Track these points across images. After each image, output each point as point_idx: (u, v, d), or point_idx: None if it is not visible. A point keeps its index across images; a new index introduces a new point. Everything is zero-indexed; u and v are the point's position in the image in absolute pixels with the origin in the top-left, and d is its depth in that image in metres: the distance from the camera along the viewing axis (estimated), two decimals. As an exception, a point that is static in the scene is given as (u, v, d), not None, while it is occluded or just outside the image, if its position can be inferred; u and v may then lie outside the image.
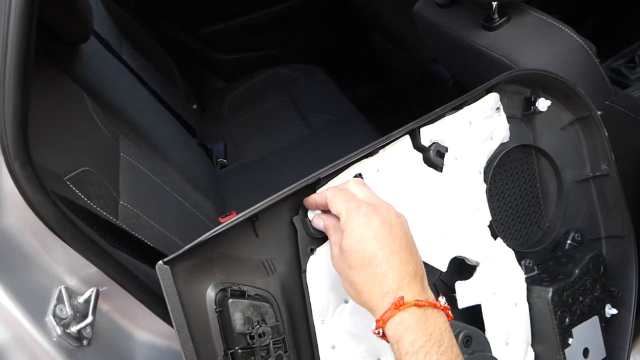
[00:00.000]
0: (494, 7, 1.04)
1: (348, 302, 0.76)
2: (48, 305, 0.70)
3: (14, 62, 0.61)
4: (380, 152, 0.80)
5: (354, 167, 0.78)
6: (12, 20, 0.61)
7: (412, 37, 1.65)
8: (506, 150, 0.93)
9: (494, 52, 1.04)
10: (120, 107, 1.37)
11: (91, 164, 1.01)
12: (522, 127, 0.96)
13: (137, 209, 1.09)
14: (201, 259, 0.68)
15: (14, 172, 0.65)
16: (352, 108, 1.97)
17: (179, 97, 2.06)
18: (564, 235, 1.00)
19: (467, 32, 1.11)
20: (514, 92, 0.94)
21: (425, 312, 0.61)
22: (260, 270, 0.73)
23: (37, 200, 0.66)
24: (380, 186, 0.80)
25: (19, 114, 0.63)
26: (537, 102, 0.93)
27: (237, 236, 0.71)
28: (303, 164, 1.73)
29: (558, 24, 1.03)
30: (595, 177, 1.00)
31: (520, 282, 0.91)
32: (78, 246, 0.72)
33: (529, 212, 0.98)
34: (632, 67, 1.65)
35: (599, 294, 0.96)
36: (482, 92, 0.88)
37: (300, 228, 0.74)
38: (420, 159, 0.84)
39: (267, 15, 2.29)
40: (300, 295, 0.74)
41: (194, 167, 1.62)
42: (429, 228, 0.83)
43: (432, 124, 0.84)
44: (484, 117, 0.89)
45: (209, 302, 0.68)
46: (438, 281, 0.87)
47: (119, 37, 1.79)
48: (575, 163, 1.00)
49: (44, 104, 1.01)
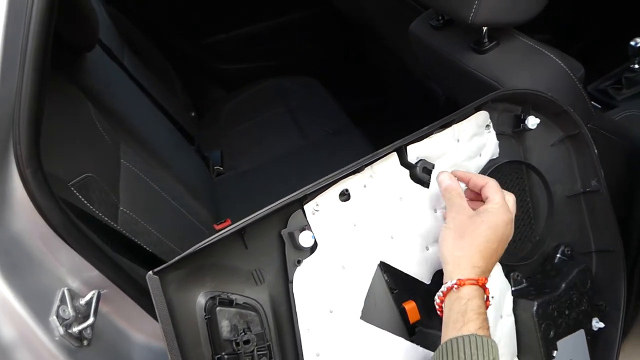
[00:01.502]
0: (484, 32, 1.08)
1: (333, 311, 0.80)
2: (52, 306, 0.73)
3: (32, 75, 0.65)
4: (367, 169, 0.84)
5: (341, 184, 0.81)
6: (31, 32, 0.65)
7: (407, 54, 1.70)
8: (496, 165, 0.95)
9: (483, 74, 1.09)
10: (121, 114, 1.41)
11: (93, 170, 1.05)
12: (513, 144, 0.99)
13: (136, 215, 1.13)
14: (193, 268, 0.72)
15: (26, 179, 0.68)
16: (348, 120, 2.00)
17: (178, 105, 2.09)
18: (554, 249, 1.02)
19: (458, 54, 1.15)
20: (505, 110, 0.97)
21: (484, 297, 0.78)
22: (249, 280, 0.76)
23: (46, 206, 0.70)
24: (367, 202, 0.83)
25: (33, 123, 0.67)
26: (526, 120, 0.96)
27: (227, 247, 0.75)
28: (298, 174, 1.76)
29: (544, 49, 1.08)
30: (585, 193, 1.03)
31: (507, 295, 0.93)
32: (82, 250, 0.75)
33: (519, 225, 1.00)
34: (619, 89, 1.69)
35: (586, 307, 0.98)
36: (471, 110, 0.91)
37: (287, 240, 0.78)
38: (407, 175, 0.87)
39: (268, 27, 2.34)
40: (287, 304, 0.78)
41: (191, 175, 1.65)
42: (414, 242, 0.87)
43: (419, 142, 0.87)
44: (472, 135, 0.92)
45: (199, 309, 0.72)
46: (424, 292, 0.89)
47: (120, 43, 1.83)
48: (565, 179, 1.03)
49: (50, 110, 1.04)
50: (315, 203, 0.80)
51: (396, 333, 0.85)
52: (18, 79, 0.66)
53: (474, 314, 0.74)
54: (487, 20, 1.03)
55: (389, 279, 0.86)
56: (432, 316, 0.87)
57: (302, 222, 0.79)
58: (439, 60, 1.25)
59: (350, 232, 0.83)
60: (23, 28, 0.65)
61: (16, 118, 0.66)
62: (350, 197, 0.82)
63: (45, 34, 0.66)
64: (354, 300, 0.82)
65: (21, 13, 0.66)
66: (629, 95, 1.67)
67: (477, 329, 0.73)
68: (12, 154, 0.68)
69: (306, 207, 0.79)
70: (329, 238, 0.81)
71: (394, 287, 0.86)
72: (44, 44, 0.66)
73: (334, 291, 0.81)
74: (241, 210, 1.64)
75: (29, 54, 0.65)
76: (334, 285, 0.81)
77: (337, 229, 0.82)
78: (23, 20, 0.65)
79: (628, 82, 1.68)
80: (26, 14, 0.65)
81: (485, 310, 0.76)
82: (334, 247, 0.81)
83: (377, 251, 0.85)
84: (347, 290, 0.82)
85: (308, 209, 0.79)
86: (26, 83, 0.65)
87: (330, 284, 0.80)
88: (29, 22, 0.65)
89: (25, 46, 0.65)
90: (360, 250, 0.83)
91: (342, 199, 0.82)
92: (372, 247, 0.84)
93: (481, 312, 0.75)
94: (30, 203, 0.70)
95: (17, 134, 0.66)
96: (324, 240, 0.80)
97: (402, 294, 0.87)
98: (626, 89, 1.68)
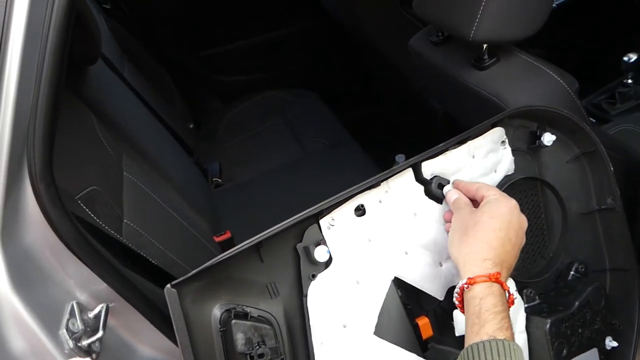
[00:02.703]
0: (484, 49, 1.11)
1: (346, 326, 0.80)
2: (62, 319, 0.74)
3: (47, 93, 0.66)
4: (383, 185, 0.84)
5: (357, 199, 0.82)
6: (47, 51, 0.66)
7: (405, 68, 1.72)
8: (511, 181, 0.95)
9: (484, 90, 1.11)
10: (123, 126, 1.42)
11: (98, 183, 1.06)
12: (528, 160, 0.99)
13: (140, 227, 1.13)
14: (209, 281, 0.73)
15: (39, 193, 0.69)
16: (345, 132, 2.02)
17: (177, 116, 2.10)
18: (568, 266, 1.02)
19: (458, 70, 1.17)
20: (520, 126, 0.97)
21: (504, 294, 0.74)
22: (264, 293, 0.77)
23: (58, 220, 0.70)
24: (382, 217, 0.84)
25: (47, 140, 0.68)
26: (542, 137, 0.96)
27: (243, 261, 0.75)
28: (296, 186, 1.79)
29: (543, 66, 1.10)
30: (600, 211, 1.02)
31: (520, 312, 0.93)
32: (92, 264, 0.76)
33: (532, 242, 0.99)
34: (612, 103, 1.73)
35: (599, 326, 0.97)
36: (487, 126, 0.91)
37: (302, 255, 0.78)
38: (421, 191, 0.88)
39: (266, 40, 2.36)
40: (301, 318, 0.79)
41: (191, 187, 1.66)
42: (428, 257, 0.87)
43: (434, 158, 0.88)
44: (488, 151, 0.93)
45: (214, 321, 0.73)
46: (437, 308, 0.91)
47: (121, 56, 1.84)
48: (580, 196, 1.02)
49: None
50: (331, 218, 0.80)
51: (409, 349, 0.85)
52: (33, 97, 0.67)
53: (489, 314, 0.70)
54: (487, 37, 1.05)
55: (403, 295, 0.86)
56: (444, 332, 0.88)
57: (317, 236, 0.79)
58: (439, 76, 1.27)
59: (365, 247, 0.83)
60: (40, 48, 0.66)
61: (31, 134, 0.67)
62: (366, 212, 0.83)
63: (61, 53, 0.67)
64: (368, 316, 0.82)
65: (38, 33, 0.67)
66: (622, 109, 1.71)
67: (495, 330, 0.68)
68: (26, 169, 0.69)
69: (322, 221, 0.80)
70: (343, 253, 0.81)
71: (407, 303, 0.87)
72: (60, 63, 0.67)
73: (348, 306, 0.81)
74: (241, 221, 1.66)
75: (45, 73, 0.66)
76: (348, 300, 0.81)
77: (352, 243, 0.82)
78: (40, 40, 0.66)
79: (622, 96, 1.71)
80: (43, 33, 0.66)
81: (504, 309, 0.71)
82: (348, 262, 0.81)
83: (392, 266, 0.85)
84: (361, 305, 0.82)
85: (324, 224, 0.80)
86: (41, 101, 0.66)
87: (344, 299, 0.81)
88: (46, 42, 0.66)
89: (42, 65, 0.66)
90: (374, 265, 0.83)
91: (358, 214, 0.83)
92: (387, 262, 0.84)
93: (498, 311, 0.70)
94: (42, 217, 0.71)
95: (31, 149, 0.67)
96: (339, 255, 0.81)
97: (416, 310, 0.88)
98: (620, 104, 1.72)
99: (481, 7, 1.01)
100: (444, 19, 1.13)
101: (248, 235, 0.74)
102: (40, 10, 0.68)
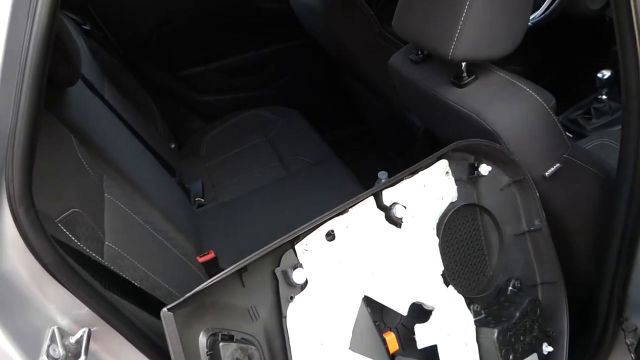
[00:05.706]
0: (463, 67, 1.13)
1: (323, 344, 0.84)
2: (42, 346, 0.72)
3: (26, 115, 0.65)
4: (350, 211, 0.90)
5: (328, 224, 0.88)
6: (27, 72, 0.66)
7: (386, 86, 1.74)
8: (455, 208, 1.04)
9: (463, 107, 1.12)
10: (103, 148, 1.40)
11: (79, 205, 1.05)
12: (468, 189, 1.08)
13: (122, 249, 1.12)
14: (195, 306, 0.75)
15: (18, 218, 0.68)
16: (327, 151, 2.03)
17: (159, 137, 2.09)
18: (506, 283, 1.12)
19: (438, 87, 1.19)
20: (461, 158, 1.06)
21: None
22: (245, 317, 0.81)
23: (38, 245, 0.69)
24: (349, 241, 0.90)
25: (26, 162, 0.67)
26: (479, 168, 1.06)
27: (226, 286, 0.78)
28: (280, 205, 1.78)
29: (520, 83, 1.12)
30: (530, 232, 1.12)
31: (470, 325, 1.02)
32: (73, 287, 0.75)
33: (475, 262, 1.09)
34: (588, 119, 1.77)
35: (537, 333, 1.07)
36: (434, 159, 0.99)
37: (281, 278, 0.83)
38: (382, 217, 0.94)
39: (247, 59, 2.37)
40: (281, 338, 0.82)
41: (173, 207, 1.65)
42: (391, 277, 0.93)
43: (393, 187, 0.94)
44: (436, 181, 1.01)
45: (201, 345, 0.75)
46: (399, 324, 0.97)
47: (101, 77, 1.84)
48: (513, 219, 1.12)
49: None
50: (305, 243, 0.85)
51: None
52: (12, 118, 0.66)
53: None
54: (466, 56, 1.07)
55: (372, 312, 0.92)
56: (407, 347, 0.96)
57: (293, 260, 0.84)
58: (419, 93, 1.29)
59: (337, 269, 0.89)
60: (19, 68, 0.66)
61: (9, 156, 0.66)
62: (335, 237, 0.89)
63: (41, 74, 0.66)
64: (343, 332, 0.88)
65: (17, 53, 0.66)
66: (598, 124, 1.75)
67: None
68: (4, 192, 0.68)
69: (297, 246, 0.85)
70: (318, 275, 0.86)
71: (376, 319, 0.94)
72: (39, 83, 0.67)
73: (324, 324, 0.86)
74: (224, 241, 1.65)
75: (24, 94, 0.65)
76: (323, 318, 0.86)
77: (325, 266, 0.87)
78: (19, 60, 0.66)
79: (597, 112, 1.75)
80: (22, 53, 0.66)
81: None
82: (323, 284, 0.87)
83: (361, 286, 0.91)
84: (335, 323, 0.87)
85: (299, 249, 0.85)
86: (20, 122, 0.66)
87: (320, 318, 0.85)
88: (25, 62, 0.65)
89: (21, 86, 0.65)
90: (345, 285, 0.89)
91: (328, 239, 0.88)
92: (356, 282, 0.90)
93: None
94: (22, 241, 0.70)
95: (10, 172, 0.66)
96: (314, 277, 0.86)
97: (383, 325, 0.95)
98: (595, 119, 1.75)
99: (459, 26, 1.03)
100: (423, 38, 1.15)
101: (232, 254, 0.76)
102: (19, 30, 0.68)
